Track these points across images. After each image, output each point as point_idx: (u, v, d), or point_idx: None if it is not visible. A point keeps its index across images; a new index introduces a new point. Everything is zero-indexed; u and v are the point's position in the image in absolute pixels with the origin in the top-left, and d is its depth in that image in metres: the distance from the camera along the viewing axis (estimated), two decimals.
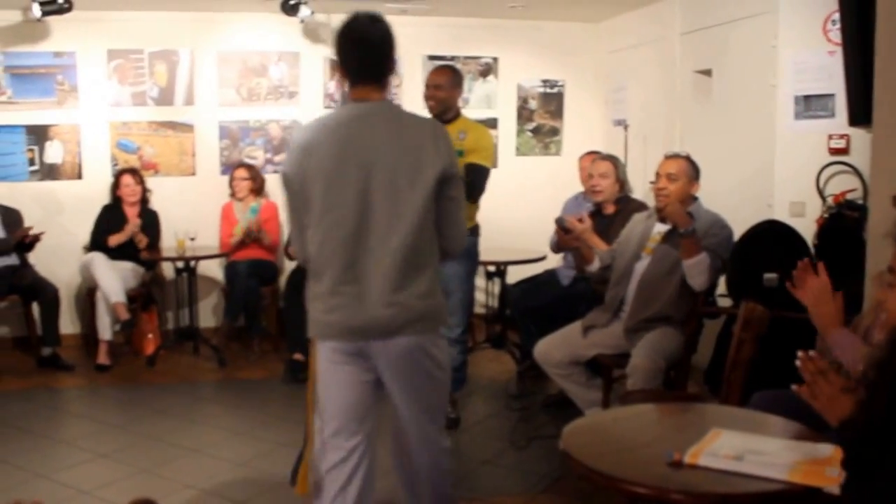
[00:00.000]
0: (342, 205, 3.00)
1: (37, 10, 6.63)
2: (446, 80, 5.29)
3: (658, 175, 4.89)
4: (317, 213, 3.05)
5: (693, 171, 4.86)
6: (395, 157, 3.00)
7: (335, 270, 3.04)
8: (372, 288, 3.01)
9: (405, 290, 3.01)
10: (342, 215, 3.01)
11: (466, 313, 5.52)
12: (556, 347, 4.97)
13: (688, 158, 4.91)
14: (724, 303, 5.27)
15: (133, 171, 7.43)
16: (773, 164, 5.77)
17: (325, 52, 7.93)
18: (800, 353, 2.49)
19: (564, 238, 5.24)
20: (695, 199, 4.86)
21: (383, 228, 2.99)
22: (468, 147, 5.16)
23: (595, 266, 5.10)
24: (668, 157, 4.96)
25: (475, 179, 5.11)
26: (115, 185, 7.38)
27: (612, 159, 5.95)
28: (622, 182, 5.86)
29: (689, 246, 4.56)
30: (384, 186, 2.99)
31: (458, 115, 5.38)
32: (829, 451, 2.50)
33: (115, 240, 7.13)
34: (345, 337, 3.09)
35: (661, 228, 4.86)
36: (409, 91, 7.72)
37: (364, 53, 3.09)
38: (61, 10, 6.68)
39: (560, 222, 5.27)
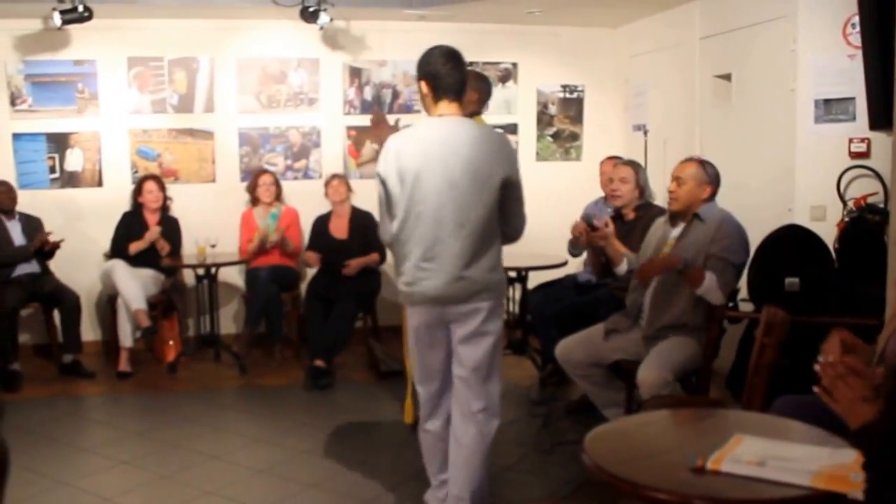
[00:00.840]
0: (426, 200, 3.73)
1: (57, 19, 6.67)
2: None
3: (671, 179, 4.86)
4: (404, 205, 3.78)
5: (704, 175, 4.74)
6: (470, 163, 3.72)
7: (419, 251, 3.78)
8: (447, 265, 3.76)
9: (472, 267, 3.77)
10: (427, 208, 3.74)
11: None
12: (577, 348, 4.96)
13: (699, 162, 4.81)
14: (746, 307, 5.25)
15: (156, 178, 7.46)
16: (794, 168, 5.75)
17: (345, 59, 7.96)
18: (817, 362, 2.47)
19: (592, 235, 5.19)
20: (709, 201, 4.79)
21: (457, 220, 3.72)
22: None
23: (623, 268, 5.07)
24: (681, 162, 4.90)
25: None
26: (138, 192, 7.39)
27: (633, 165, 5.92)
28: (642, 188, 5.82)
29: (691, 276, 4.50)
30: (460, 186, 3.71)
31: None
32: (852, 456, 2.47)
33: (135, 247, 7.16)
34: (425, 303, 3.84)
35: (676, 234, 4.81)
36: None
37: (446, 77, 3.80)
38: (81, 19, 6.72)
39: (588, 219, 5.25)
